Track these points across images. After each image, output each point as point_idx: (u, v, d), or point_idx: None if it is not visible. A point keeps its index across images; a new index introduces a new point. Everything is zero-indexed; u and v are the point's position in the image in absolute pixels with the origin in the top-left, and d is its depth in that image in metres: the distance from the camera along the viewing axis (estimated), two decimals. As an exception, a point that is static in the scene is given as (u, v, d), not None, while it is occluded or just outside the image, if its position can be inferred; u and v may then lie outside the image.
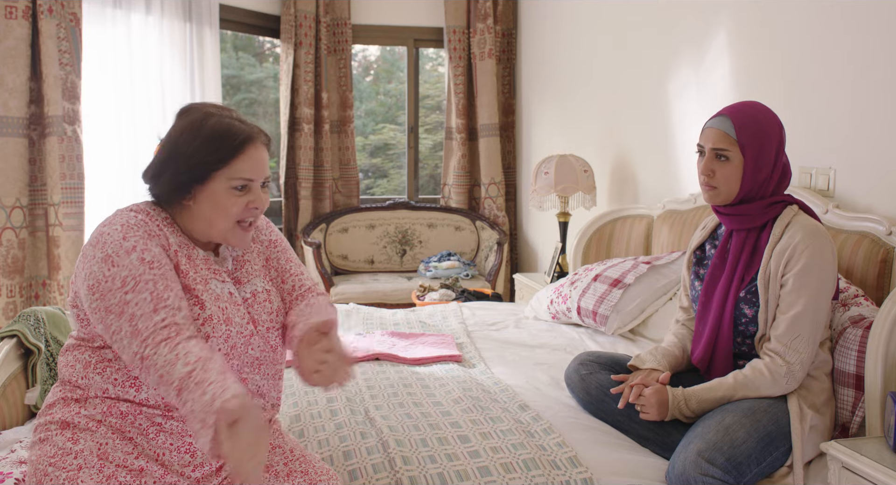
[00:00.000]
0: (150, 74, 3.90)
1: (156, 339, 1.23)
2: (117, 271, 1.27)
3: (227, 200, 1.37)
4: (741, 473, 1.60)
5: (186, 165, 1.36)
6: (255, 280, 1.49)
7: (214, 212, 1.38)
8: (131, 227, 1.32)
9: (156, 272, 1.29)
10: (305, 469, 1.44)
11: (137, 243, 1.30)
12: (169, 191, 1.39)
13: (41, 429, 1.36)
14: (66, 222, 3.40)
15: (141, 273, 1.27)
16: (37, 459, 1.32)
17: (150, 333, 1.23)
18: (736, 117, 1.78)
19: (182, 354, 1.21)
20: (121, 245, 1.29)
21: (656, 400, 1.76)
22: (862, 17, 2.20)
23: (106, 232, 1.32)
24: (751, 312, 1.80)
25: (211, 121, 1.38)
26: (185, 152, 1.36)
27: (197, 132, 1.37)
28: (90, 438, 1.31)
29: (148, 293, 1.26)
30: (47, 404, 1.39)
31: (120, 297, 1.26)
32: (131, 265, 1.28)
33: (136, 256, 1.29)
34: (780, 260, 1.74)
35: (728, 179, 1.79)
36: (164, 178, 1.38)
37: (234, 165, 1.37)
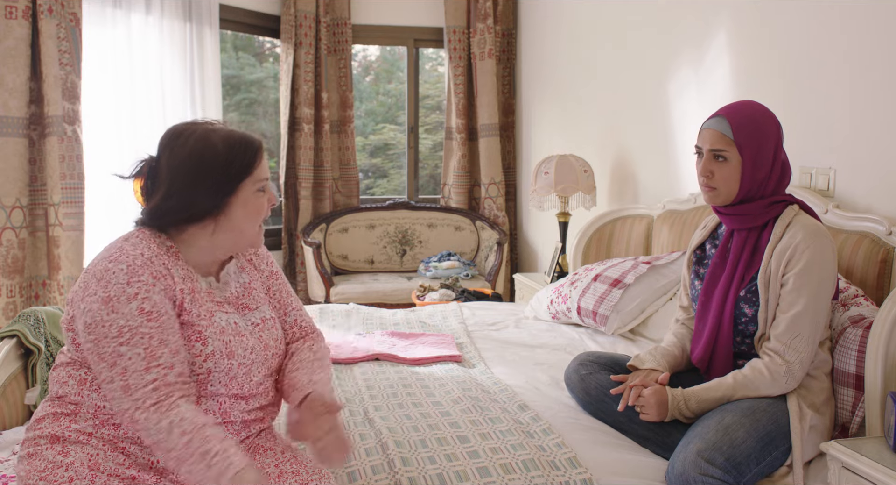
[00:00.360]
0: (150, 74, 3.90)
1: (146, 402, 1.26)
2: (115, 318, 1.28)
3: (257, 203, 1.43)
4: (741, 472, 1.60)
5: (219, 180, 1.38)
6: (263, 307, 1.53)
7: (246, 218, 1.42)
8: (137, 269, 1.31)
9: (152, 325, 1.29)
10: (297, 470, 1.44)
11: (139, 291, 1.30)
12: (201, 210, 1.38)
13: (30, 443, 1.35)
14: (66, 222, 3.40)
15: (138, 325, 1.28)
16: (26, 474, 1.31)
17: (141, 395, 1.26)
18: (732, 117, 1.78)
19: (176, 421, 1.26)
20: (123, 290, 1.29)
21: (656, 400, 1.76)
22: (861, 17, 2.20)
23: (111, 270, 1.30)
24: (751, 311, 1.80)
25: (219, 134, 1.40)
26: (215, 167, 1.37)
27: (215, 147, 1.38)
28: (81, 450, 1.31)
29: (142, 349, 1.28)
30: (36, 418, 1.38)
31: (114, 347, 1.27)
32: (130, 315, 1.28)
33: (136, 306, 1.29)
34: (781, 260, 1.74)
35: (727, 180, 1.79)
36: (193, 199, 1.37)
37: (257, 169, 1.42)
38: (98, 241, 3.71)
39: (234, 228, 1.42)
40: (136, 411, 1.26)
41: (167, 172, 1.39)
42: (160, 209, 1.39)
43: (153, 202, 1.40)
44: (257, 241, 1.48)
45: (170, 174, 1.38)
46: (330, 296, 4.31)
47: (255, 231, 1.45)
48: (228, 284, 1.50)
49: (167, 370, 1.29)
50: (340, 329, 2.78)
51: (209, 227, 1.41)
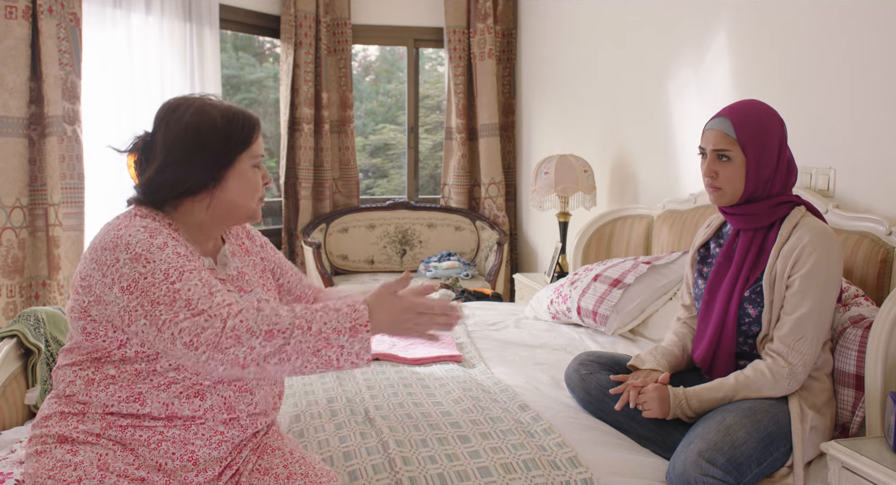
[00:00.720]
0: (150, 74, 3.90)
1: (232, 311, 1.21)
2: (156, 266, 1.24)
3: (253, 177, 1.42)
4: (741, 473, 1.60)
5: (217, 152, 1.37)
6: (257, 289, 1.51)
7: (242, 192, 1.41)
8: (153, 230, 1.29)
9: (194, 264, 1.28)
10: (305, 471, 1.44)
11: (168, 240, 1.28)
12: (196, 182, 1.36)
13: (37, 441, 1.33)
14: (66, 222, 3.40)
15: (181, 264, 1.26)
16: (34, 472, 1.29)
17: (224, 310, 1.21)
18: (735, 117, 1.78)
19: (274, 305, 1.23)
20: (150, 243, 1.26)
21: (658, 396, 1.75)
22: (861, 17, 2.20)
23: (126, 234, 1.27)
24: (754, 311, 1.80)
25: (217, 107, 1.40)
26: (213, 139, 1.36)
27: (213, 120, 1.37)
28: (90, 450, 1.30)
29: (198, 280, 1.25)
30: (43, 415, 1.36)
31: (167, 288, 1.23)
32: (169, 258, 1.26)
33: (171, 251, 1.27)
34: (788, 261, 1.74)
35: (732, 180, 1.79)
36: (190, 171, 1.35)
37: (254, 144, 1.42)
38: (98, 241, 3.70)
39: (230, 201, 1.41)
40: (224, 322, 1.19)
41: (163, 145, 1.37)
42: (154, 182, 1.36)
43: (147, 175, 1.37)
44: (256, 213, 1.46)
45: (165, 147, 1.37)
46: (330, 296, 4.31)
47: (252, 205, 1.44)
48: (226, 266, 1.49)
49: (229, 296, 1.26)
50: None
51: (205, 200, 1.39)
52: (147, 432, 1.32)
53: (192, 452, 1.34)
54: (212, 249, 1.48)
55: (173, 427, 1.33)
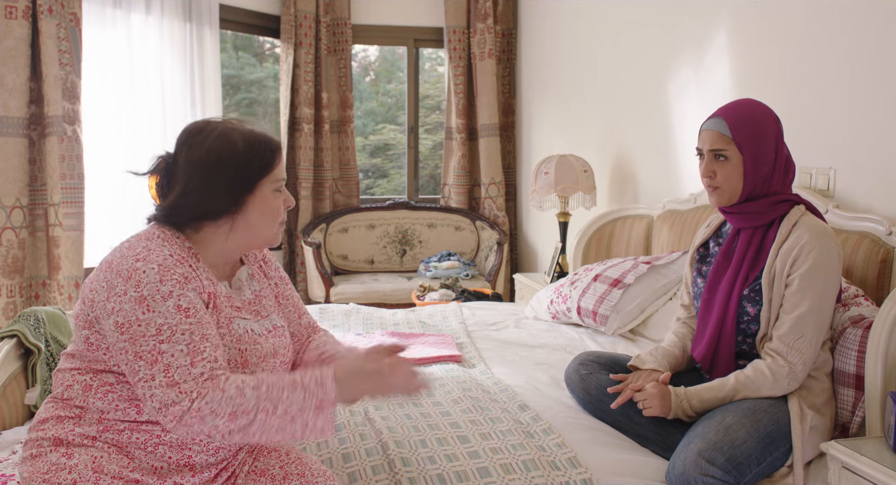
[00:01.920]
0: (150, 74, 3.90)
1: (200, 389, 1.23)
2: (152, 317, 1.25)
3: (275, 202, 1.42)
4: (741, 473, 1.60)
5: (238, 178, 1.37)
6: (273, 315, 1.52)
7: (263, 217, 1.41)
8: (168, 268, 1.29)
9: (191, 321, 1.27)
10: (302, 471, 1.43)
11: (174, 289, 1.27)
12: (217, 207, 1.37)
13: (32, 444, 1.33)
14: (66, 222, 3.40)
15: (177, 323, 1.25)
16: (29, 475, 1.29)
17: (192, 386, 1.23)
18: (729, 117, 1.79)
19: (240, 382, 1.25)
20: (157, 289, 1.26)
21: (658, 394, 1.75)
22: (861, 17, 2.20)
23: (141, 269, 1.27)
24: (753, 310, 1.80)
25: (239, 132, 1.40)
26: (235, 164, 1.36)
27: (235, 145, 1.37)
28: (85, 452, 1.30)
29: (185, 345, 1.25)
30: (39, 419, 1.36)
31: (154, 345, 1.24)
32: (168, 313, 1.25)
33: (173, 304, 1.26)
34: (787, 260, 1.74)
35: (730, 179, 1.79)
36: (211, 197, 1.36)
37: (276, 169, 1.42)
38: (98, 241, 3.71)
39: (251, 227, 1.41)
40: (192, 402, 1.21)
41: (185, 169, 1.37)
42: (177, 207, 1.37)
43: (170, 199, 1.38)
44: (275, 239, 1.47)
45: (188, 171, 1.36)
46: (330, 296, 4.31)
47: (272, 231, 1.45)
48: (242, 290, 1.49)
49: (212, 364, 1.26)
50: (340, 329, 2.78)
51: (226, 225, 1.39)
52: (144, 436, 1.32)
53: (188, 457, 1.34)
54: (230, 272, 1.49)
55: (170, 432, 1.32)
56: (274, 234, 1.45)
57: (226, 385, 1.24)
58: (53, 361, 2.11)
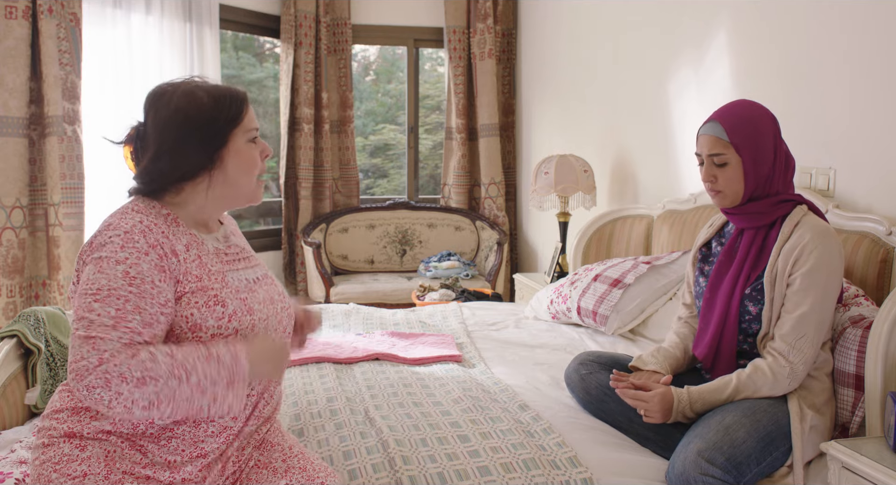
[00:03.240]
0: (150, 74, 3.90)
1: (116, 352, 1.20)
2: (98, 277, 1.26)
3: (250, 154, 1.42)
4: (741, 473, 1.60)
5: (209, 132, 1.36)
6: (260, 266, 1.54)
7: (241, 170, 1.41)
8: (133, 235, 1.29)
9: (132, 290, 1.26)
10: (304, 466, 1.44)
11: (130, 256, 1.28)
12: (193, 166, 1.37)
13: (45, 433, 1.33)
14: (66, 222, 3.40)
15: (117, 287, 1.25)
16: (40, 463, 1.29)
17: (110, 346, 1.21)
18: (725, 120, 1.80)
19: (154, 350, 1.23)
20: (115, 253, 1.28)
21: (660, 404, 1.74)
22: (861, 17, 2.20)
23: (108, 236, 1.29)
24: (755, 309, 1.80)
25: (203, 88, 1.39)
26: (203, 120, 1.36)
27: (201, 101, 1.37)
28: (98, 445, 1.30)
29: (114, 308, 1.24)
30: (54, 408, 1.36)
31: (89, 302, 1.24)
32: (113, 276, 1.26)
33: (122, 269, 1.27)
34: (789, 259, 1.74)
35: (731, 182, 1.80)
36: (185, 155, 1.35)
37: (245, 118, 1.41)
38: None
39: (230, 181, 1.41)
40: (101, 363, 1.18)
41: (154, 133, 1.37)
42: (151, 171, 1.37)
43: (143, 164, 1.38)
44: (256, 195, 1.46)
45: (157, 134, 1.37)
46: (330, 296, 4.31)
47: (252, 185, 1.44)
48: (230, 239, 1.50)
49: (134, 334, 1.24)
50: (340, 329, 2.78)
51: (203, 182, 1.39)
52: (157, 429, 1.32)
53: (202, 449, 1.35)
54: (215, 229, 1.50)
55: (184, 424, 1.34)
56: (253, 187, 1.45)
57: (138, 351, 1.22)
58: (53, 361, 2.11)
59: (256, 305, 1.41)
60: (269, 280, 1.53)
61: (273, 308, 1.46)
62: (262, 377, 1.36)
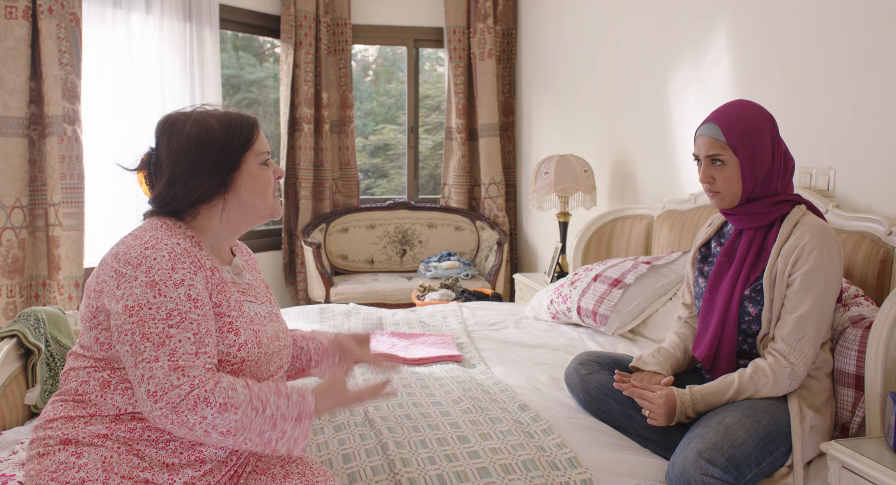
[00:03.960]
0: (150, 74, 3.90)
1: (205, 383, 1.25)
2: (164, 301, 1.27)
3: (263, 174, 1.46)
4: (741, 473, 1.60)
5: (221, 158, 1.40)
6: (266, 303, 1.56)
7: (256, 191, 1.45)
8: (178, 256, 1.32)
9: (199, 313, 1.30)
10: (303, 471, 1.44)
11: (185, 277, 1.30)
12: (207, 190, 1.40)
13: (39, 443, 1.33)
14: (66, 222, 3.40)
15: (188, 310, 1.28)
16: (37, 473, 1.29)
17: (200, 374, 1.26)
18: (722, 121, 1.80)
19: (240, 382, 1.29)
20: (169, 276, 1.29)
21: (665, 407, 1.74)
22: (861, 17, 2.20)
23: (151, 256, 1.30)
24: (755, 310, 1.80)
25: (214, 116, 1.43)
26: (215, 146, 1.40)
27: (212, 128, 1.41)
28: (94, 451, 1.30)
29: (192, 334, 1.28)
30: (47, 418, 1.36)
31: (163, 329, 1.26)
32: (178, 299, 1.28)
33: (184, 292, 1.29)
34: (788, 260, 1.74)
35: (728, 182, 1.80)
36: (198, 180, 1.39)
37: (256, 143, 1.45)
38: (98, 241, 3.71)
39: (244, 203, 1.44)
40: (193, 388, 1.23)
41: (168, 160, 1.40)
42: (165, 196, 1.40)
43: (157, 190, 1.41)
44: (275, 210, 1.50)
45: (170, 161, 1.40)
46: (330, 296, 4.31)
47: (268, 204, 1.48)
48: (241, 274, 1.52)
49: (211, 360, 1.30)
50: (340, 329, 2.78)
51: (218, 206, 1.43)
52: (156, 433, 1.32)
53: (199, 452, 1.35)
54: (228, 259, 1.52)
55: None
56: (270, 205, 1.48)
57: (220, 378, 1.28)
58: (53, 361, 2.10)
59: (265, 339, 1.44)
60: (276, 317, 1.55)
61: (278, 345, 1.49)
62: (327, 412, 1.41)
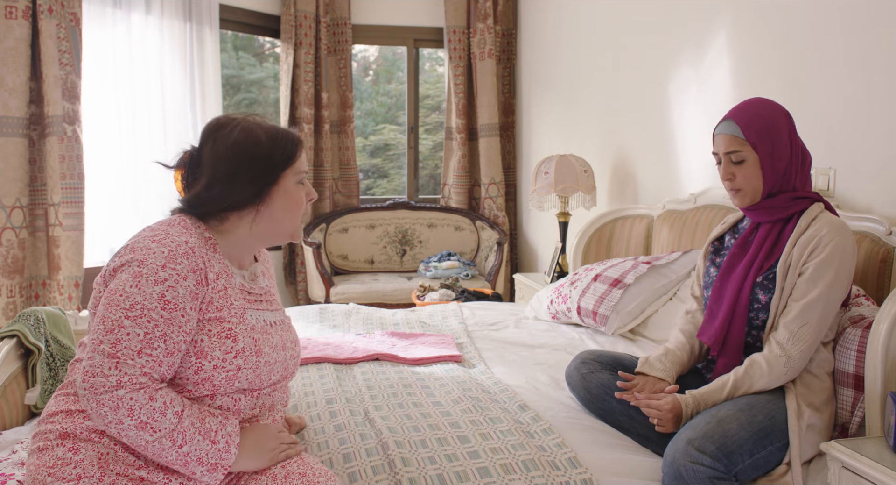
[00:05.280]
0: (150, 74, 3.90)
1: (134, 382, 1.25)
2: (135, 293, 1.29)
3: (297, 194, 1.48)
4: (732, 461, 1.60)
5: (262, 169, 1.42)
6: (280, 312, 1.58)
7: (287, 209, 1.47)
8: (177, 256, 1.33)
9: (164, 315, 1.29)
10: (303, 471, 1.44)
11: (170, 278, 1.31)
12: (242, 199, 1.41)
13: (40, 437, 1.35)
14: (66, 222, 3.40)
15: (152, 308, 1.29)
16: (35, 468, 1.30)
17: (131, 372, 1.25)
18: (740, 118, 1.82)
19: (169, 401, 1.28)
20: (156, 272, 1.30)
21: (672, 413, 1.75)
22: (861, 16, 2.20)
23: (153, 250, 1.32)
24: (765, 297, 1.81)
25: (262, 127, 1.45)
26: (259, 157, 1.42)
27: (258, 138, 1.43)
28: (91, 447, 1.31)
29: (143, 331, 1.27)
30: (49, 412, 1.38)
31: (119, 317, 1.27)
32: (149, 296, 1.29)
33: (160, 291, 1.30)
34: (804, 250, 1.76)
35: (749, 179, 1.82)
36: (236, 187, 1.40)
37: (297, 161, 1.47)
38: (98, 241, 3.71)
39: (274, 218, 1.46)
40: (119, 386, 1.24)
41: (210, 162, 1.42)
42: (202, 198, 1.42)
43: (196, 191, 1.43)
44: (297, 234, 1.52)
45: (213, 164, 1.42)
46: (330, 296, 4.31)
47: (295, 224, 1.49)
48: (257, 279, 1.54)
49: (155, 365, 1.29)
50: (340, 329, 2.78)
51: (249, 216, 1.44)
52: None
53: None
54: (246, 265, 1.54)
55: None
56: (296, 226, 1.50)
57: (156, 395, 1.27)
58: (53, 361, 2.11)
59: (267, 347, 1.45)
60: (285, 326, 1.56)
61: (284, 354, 1.50)
62: (240, 469, 1.39)
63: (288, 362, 1.52)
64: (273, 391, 1.51)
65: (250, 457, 1.39)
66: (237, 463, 1.36)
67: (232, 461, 1.34)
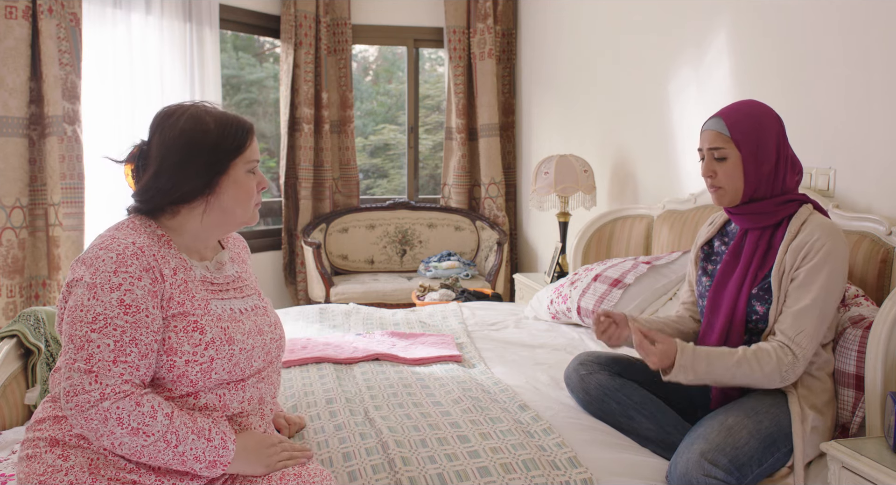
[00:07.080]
0: (150, 74, 3.90)
1: (117, 392, 1.25)
2: (94, 305, 1.27)
3: (248, 183, 1.44)
4: (743, 474, 1.60)
5: (210, 158, 1.39)
6: (254, 296, 1.55)
7: (237, 199, 1.43)
8: (126, 259, 1.30)
9: (128, 319, 1.28)
10: (299, 471, 1.43)
11: (124, 282, 1.29)
12: (191, 189, 1.38)
13: (29, 445, 1.34)
14: (66, 222, 3.40)
15: (115, 316, 1.27)
16: (25, 476, 1.30)
17: (112, 383, 1.25)
18: (728, 116, 1.81)
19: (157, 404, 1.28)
20: (109, 278, 1.28)
21: (662, 350, 1.69)
22: (861, 16, 2.20)
23: (100, 257, 1.30)
24: (762, 309, 1.79)
25: (211, 114, 1.41)
26: (206, 145, 1.38)
27: (207, 126, 1.39)
28: (81, 454, 1.30)
29: (112, 341, 1.26)
30: (37, 419, 1.37)
31: (86, 332, 1.26)
32: (109, 304, 1.27)
33: (118, 297, 1.28)
34: (796, 256, 1.74)
35: (729, 177, 1.80)
36: (184, 177, 1.37)
37: (248, 150, 1.43)
38: (98, 241, 3.70)
39: (225, 209, 1.43)
40: (103, 399, 1.23)
41: (158, 152, 1.39)
42: (149, 189, 1.38)
43: (143, 181, 1.40)
44: (251, 219, 1.49)
45: (160, 153, 1.39)
46: (330, 296, 4.31)
47: (247, 213, 1.46)
48: (223, 268, 1.51)
49: (133, 370, 1.28)
50: (340, 329, 2.78)
51: (199, 207, 1.41)
52: None
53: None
54: (209, 256, 1.51)
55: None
56: (249, 214, 1.47)
57: (142, 400, 1.26)
58: (53, 361, 2.11)
59: (239, 335, 1.42)
60: (260, 311, 1.53)
61: (261, 339, 1.47)
62: (239, 471, 1.38)
63: (269, 346, 1.49)
64: (259, 382, 1.48)
65: (249, 460, 1.38)
66: (236, 465, 1.35)
67: (231, 458, 1.33)
